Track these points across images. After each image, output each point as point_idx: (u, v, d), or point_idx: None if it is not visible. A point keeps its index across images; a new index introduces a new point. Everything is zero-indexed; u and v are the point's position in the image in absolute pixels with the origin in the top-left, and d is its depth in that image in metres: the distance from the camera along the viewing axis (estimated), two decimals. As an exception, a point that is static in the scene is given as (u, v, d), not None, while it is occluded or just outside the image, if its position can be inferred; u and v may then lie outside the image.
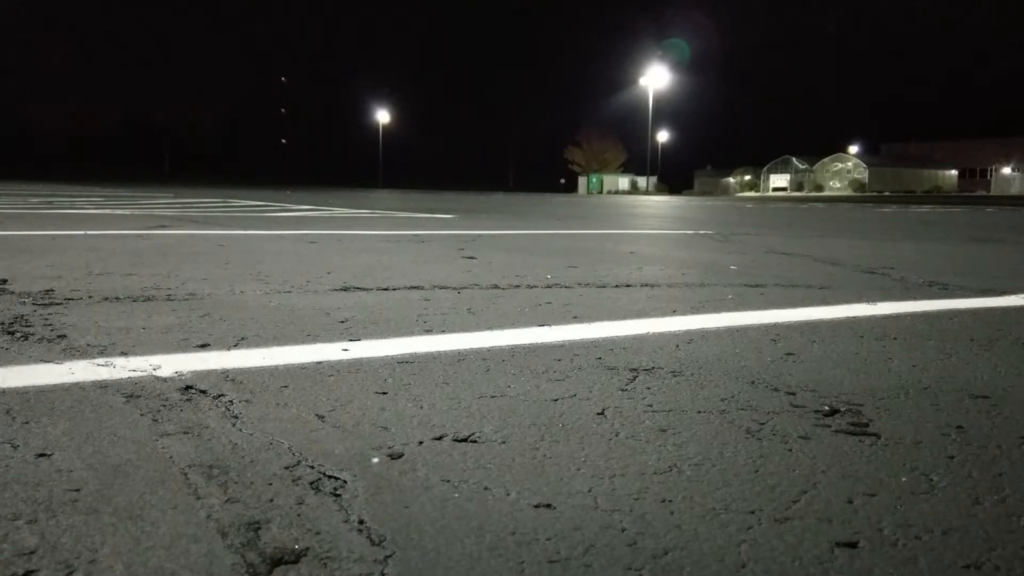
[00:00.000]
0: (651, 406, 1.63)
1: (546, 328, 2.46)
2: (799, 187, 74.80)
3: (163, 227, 7.04)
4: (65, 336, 2.17)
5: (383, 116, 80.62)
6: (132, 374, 1.79)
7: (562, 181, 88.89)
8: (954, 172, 77.07)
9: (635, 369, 1.94)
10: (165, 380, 1.74)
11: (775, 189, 76.52)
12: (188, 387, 1.69)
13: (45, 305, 2.68)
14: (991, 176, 75.27)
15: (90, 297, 2.89)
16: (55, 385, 1.68)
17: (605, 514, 1.10)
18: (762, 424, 1.52)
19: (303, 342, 2.18)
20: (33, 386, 1.67)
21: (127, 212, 9.93)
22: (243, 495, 1.13)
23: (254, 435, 1.39)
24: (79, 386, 1.68)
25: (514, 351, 2.12)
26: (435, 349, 2.12)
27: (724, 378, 1.87)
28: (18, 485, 1.16)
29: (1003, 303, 3.22)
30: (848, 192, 67.96)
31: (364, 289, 3.26)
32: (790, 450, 1.38)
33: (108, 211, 10.11)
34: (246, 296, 3.00)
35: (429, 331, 2.38)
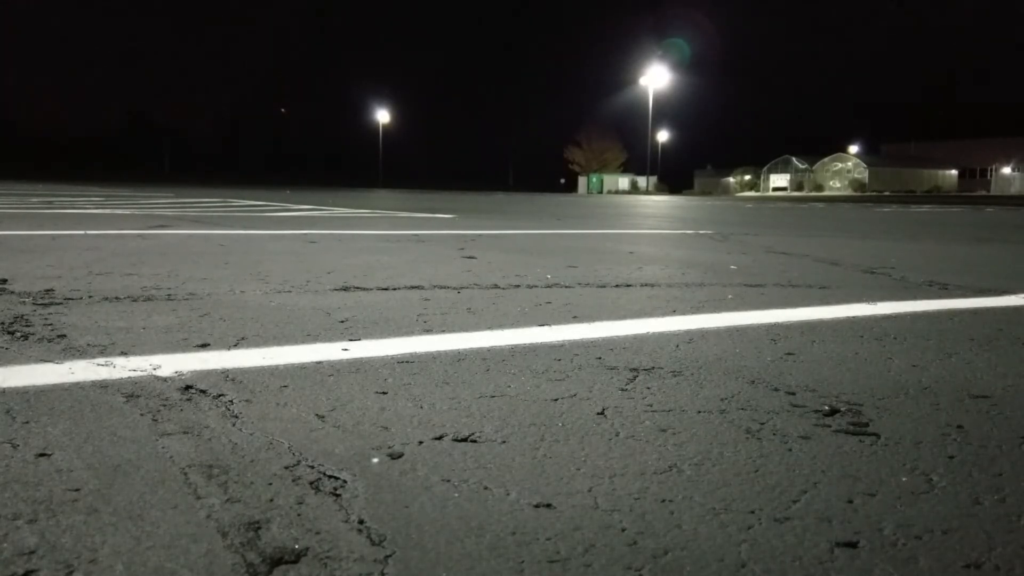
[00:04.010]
0: (651, 406, 1.63)
1: (546, 328, 2.46)
2: (799, 187, 74.81)
3: (163, 227, 7.04)
4: (65, 336, 2.17)
5: (383, 116, 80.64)
6: (132, 374, 1.79)
7: (562, 181, 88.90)
8: (954, 172, 77.06)
9: (635, 369, 1.94)
10: (165, 380, 1.74)
11: (775, 189, 76.51)
12: (188, 387, 1.69)
13: (45, 305, 2.68)
14: (991, 176, 75.25)
15: (90, 297, 2.89)
16: (55, 385, 1.68)
17: (605, 514, 1.10)
18: (762, 424, 1.52)
19: (303, 342, 2.18)
20: (33, 386, 1.67)
21: (127, 212, 9.93)
22: (243, 495, 1.13)
23: (254, 435, 1.39)
24: (79, 386, 1.68)
25: (514, 351, 2.12)
26: (435, 349, 2.12)
27: (724, 378, 1.87)
28: (18, 485, 1.16)
29: (1003, 303, 3.22)
30: (848, 192, 67.95)
31: (364, 289, 3.26)
32: (790, 450, 1.38)
33: (108, 211, 10.11)
34: (246, 296, 3.00)
35: (429, 331, 2.38)
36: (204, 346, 2.09)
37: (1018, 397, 1.75)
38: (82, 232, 6.21)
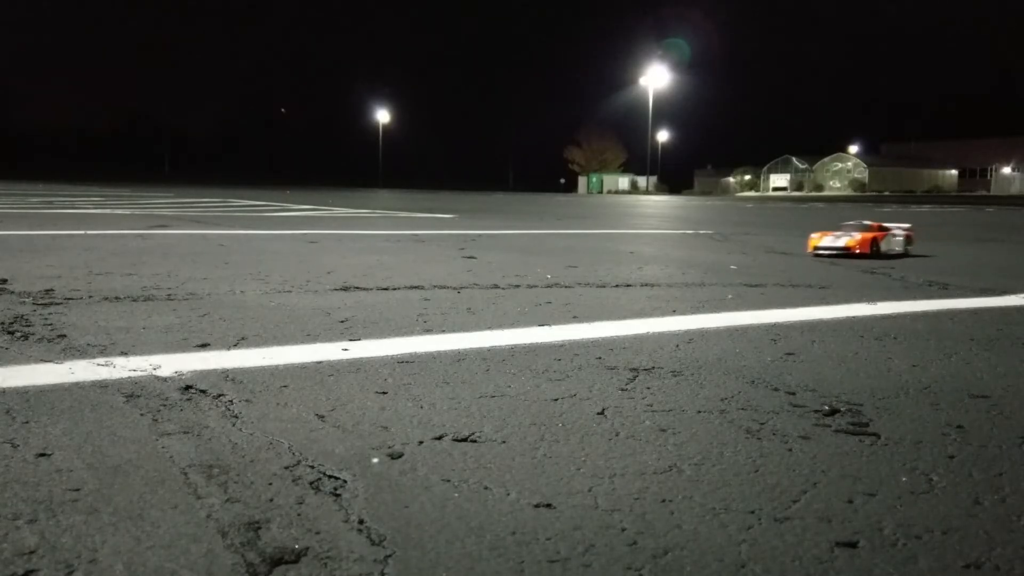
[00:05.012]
0: (651, 406, 1.63)
1: (546, 328, 2.46)
2: (799, 187, 74.81)
3: (163, 227, 7.04)
4: (65, 336, 2.17)
5: (383, 116, 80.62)
6: (132, 374, 1.79)
7: (562, 181, 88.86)
8: (954, 172, 77.07)
9: (635, 369, 1.94)
10: (165, 380, 1.74)
11: (775, 189, 76.51)
12: (188, 387, 1.69)
13: (45, 305, 2.68)
14: (991, 176, 75.27)
15: (90, 297, 2.89)
16: (55, 385, 1.68)
17: (605, 514, 1.10)
18: (762, 424, 1.52)
19: (303, 342, 2.18)
20: (33, 386, 1.67)
21: (127, 212, 9.93)
22: (243, 495, 1.13)
23: (254, 435, 1.39)
24: (79, 386, 1.68)
25: (514, 351, 2.12)
26: (435, 349, 2.12)
27: (724, 378, 1.87)
28: (18, 485, 1.16)
29: (1003, 303, 3.22)
30: (848, 192, 67.96)
31: (364, 289, 3.26)
32: (790, 450, 1.38)
33: (108, 211, 10.11)
34: (246, 296, 3.00)
35: (429, 331, 2.38)
36: (204, 346, 2.09)
37: (1018, 397, 1.75)
38: (82, 232, 6.21)
